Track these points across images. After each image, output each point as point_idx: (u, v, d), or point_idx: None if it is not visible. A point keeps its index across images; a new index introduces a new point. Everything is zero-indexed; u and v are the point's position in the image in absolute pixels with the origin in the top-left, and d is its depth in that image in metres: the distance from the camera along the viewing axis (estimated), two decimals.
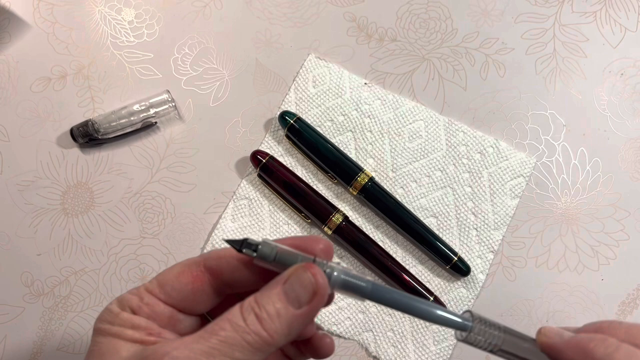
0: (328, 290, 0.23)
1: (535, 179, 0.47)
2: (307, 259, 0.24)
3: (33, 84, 0.48)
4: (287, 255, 0.24)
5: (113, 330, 0.23)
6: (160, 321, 0.24)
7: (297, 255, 0.24)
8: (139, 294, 0.24)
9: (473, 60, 0.49)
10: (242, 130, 0.48)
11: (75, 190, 0.47)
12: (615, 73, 0.49)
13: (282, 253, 0.24)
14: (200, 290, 0.25)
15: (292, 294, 0.22)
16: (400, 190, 0.47)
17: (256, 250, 0.24)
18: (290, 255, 0.24)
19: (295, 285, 0.22)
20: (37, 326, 0.45)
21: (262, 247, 0.24)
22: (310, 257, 0.24)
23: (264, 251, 0.24)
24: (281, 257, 0.24)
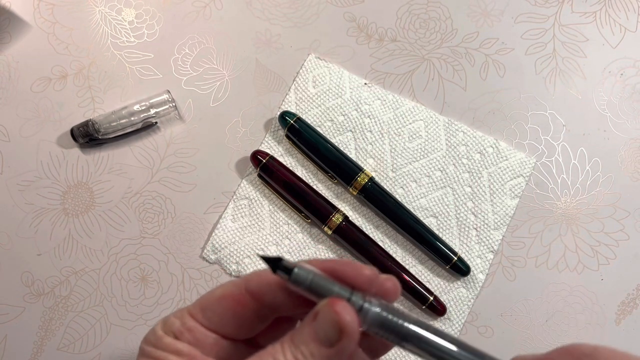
0: (357, 329, 0.21)
1: (535, 179, 0.47)
2: (343, 291, 0.22)
3: (33, 84, 0.48)
4: (323, 284, 0.22)
5: (156, 355, 0.22)
6: (204, 348, 0.23)
7: (333, 285, 0.22)
8: (182, 317, 0.23)
9: (473, 60, 0.49)
10: (242, 130, 0.48)
11: (76, 190, 0.47)
12: (615, 73, 0.49)
13: (317, 280, 0.22)
14: (243, 314, 0.23)
15: (321, 333, 0.21)
16: (400, 190, 0.47)
17: (290, 273, 0.22)
18: (325, 283, 0.22)
19: (323, 323, 0.21)
20: (37, 326, 0.45)
21: (297, 271, 0.22)
22: (347, 289, 0.22)
23: (299, 276, 0.22)
24: (316, 285, 0.22)
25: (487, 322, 0.45)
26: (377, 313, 0.21)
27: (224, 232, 0.46)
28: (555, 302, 0.46)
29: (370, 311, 0.21)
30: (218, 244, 0.46)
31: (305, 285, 0.22)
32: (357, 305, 0.21)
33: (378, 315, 0.21)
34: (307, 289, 0.22)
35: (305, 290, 0.22)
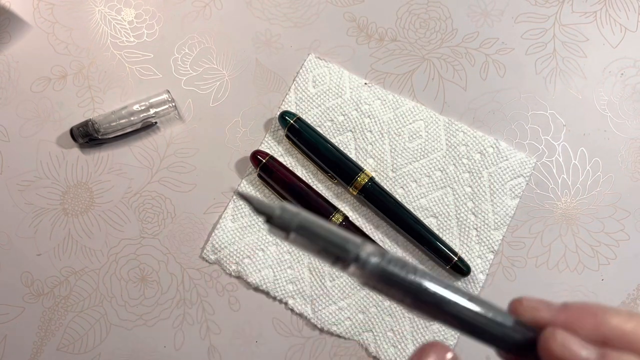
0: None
1: (535, 179, 0.47)
2: (355, 242, 0.19)
3: (33, 84, 0.48)
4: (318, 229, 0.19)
5: None
6: None
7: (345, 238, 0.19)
8: None
9: (473, 60, 0.49)
10: (242, 130, 0.48)
11: (75, 190, 0.47)
12: (615, 73, 0.49)
13: (309, 224, 0.19)
14: None
15: None
16: (400, 190, 0.47)
17: (270, 218, 0.19)
18: (317, 226, 0.19)
19: None
20: (37, 326, 0.45)
21: (282, 213, 0.19)
22: (357, 240, 0.20)
23: (282, 219, 0.19)
24: (307, 230, 0.19)
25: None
26: (376, 264, 0.19)
27: (224, 232, 0.46)
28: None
29: (368, 262, 0.19)
30: (218, 244, 0.46)
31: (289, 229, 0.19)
32: (352, 255, 0.19)
33: (377, 267, 0.19)
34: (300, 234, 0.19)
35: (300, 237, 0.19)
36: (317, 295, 0.45)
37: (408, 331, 0.45)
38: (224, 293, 0.45)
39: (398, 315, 0.45)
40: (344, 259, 0.19)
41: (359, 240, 0.20)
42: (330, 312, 0.45)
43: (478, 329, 0.20)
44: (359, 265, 0.19)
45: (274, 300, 0.46)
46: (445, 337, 0.45)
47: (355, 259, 0.19)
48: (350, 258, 0.19)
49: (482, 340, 0.20)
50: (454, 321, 0.20)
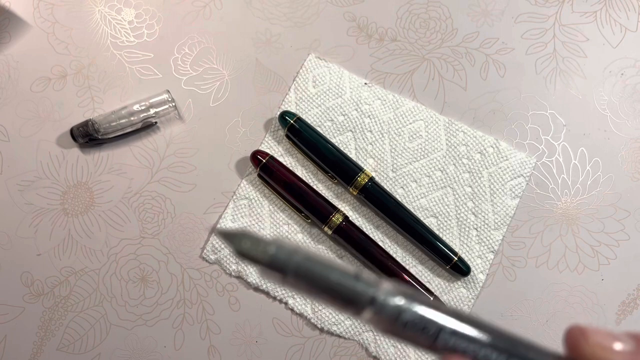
0: None
1: (536, 179, 0.47)
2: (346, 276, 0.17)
3: (33, 84, 0.48)
4: (314, 268, 0.17)
5: None
6: None
7: (329, 270, 0.17)
8: None
9: (473, 60, 0.49)
10: (242, 130, 0.48)
11: (75, 190, 0.47)
12: (615, 73, 0.49)
13: (306, 264, 0.17)
14: None
15: None
16: (400, 190, 0.47)
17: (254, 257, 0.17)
18: (319, 267, 0.17)
19: None
20: (37, 326, 0.45)
21: (276, 251, 0.17)
22: (350, 270, 0.17)
23: (279, 258, 0.16)
24: (304, 270, 0.16)
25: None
26: (396, 307, 0.17)
27: None
28: (555, 302, 0.46)
29: (386, 306, 0.17)
30: (218, 244, 0.46)
31: (289, 270, 0.17)
32: (366, 297, 0.17)
33: (398, 310, 0.17)
34: (294, 275, 0.17)
35: (292, 276, 0.17)
36: None
37: None
38: (224, 293, 0.45)
39: None
40: (355, 303, 0.17)
41: (372, 278, 0.17)
42: (330, 312, 0.45)
43: None
44: (375, 309, 0.17)
45: (274, 300, 0.46)
46: None
47: (371, 302, 0.17)
48: (364, 301, 0.17)
49: None
50: None
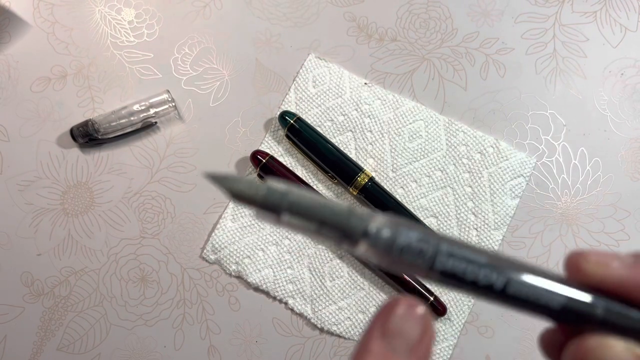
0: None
1: (536, 179, 0.47)
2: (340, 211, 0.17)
3: (33, 84, 0.48)
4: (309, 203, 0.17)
5: None
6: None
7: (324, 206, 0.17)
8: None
9: (473, 60, 0.49)
10: (242, 130, 0.48)
11: (75, 190, 0.47)
12: (615, 73, 0.49)
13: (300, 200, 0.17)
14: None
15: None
16: (400, 190, 0.47)
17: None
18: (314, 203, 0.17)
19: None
20: (37, 326, 0.45)
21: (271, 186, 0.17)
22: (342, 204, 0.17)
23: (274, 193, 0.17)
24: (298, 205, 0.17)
25: (487, 323, 0.45)
26: (390, 238, 0.17)
27: (224, 232, 0.46)
28: None
29: (380, 238, 0.17)
30: (218, 244, 0.46)
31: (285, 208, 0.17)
32: (359, 230, 0.17)
33: (392, 241, 0.17)
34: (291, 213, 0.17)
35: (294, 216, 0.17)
36: (317, 295, 0.45)
37: None
38: (224, 293, 0.45)
39: None
40: (350, 236, 0.17)
41: (366, 212, 0.17)
42: (330, 312, 0.45)
43: (523, 301, 0.17)
44: (369, 241, 0.17)
45: (274, 300, 0.46)
46: (445, 337, 0.45)
47: (364, 234, 0.17)
48: (357, 234, 0.17)
49: (528, 312, 0.18)
50: (492, 297, 0.17)
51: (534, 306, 0.17)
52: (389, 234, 0.17)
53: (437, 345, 0.45)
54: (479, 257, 0.17)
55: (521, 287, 0.17)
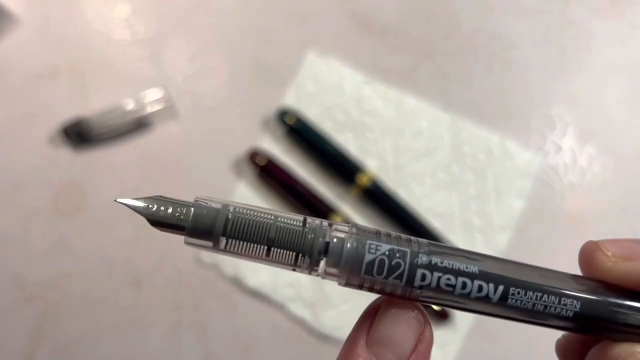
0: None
1: (542, 180, 0.47)
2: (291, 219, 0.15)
3: (25, 82, 0.47)
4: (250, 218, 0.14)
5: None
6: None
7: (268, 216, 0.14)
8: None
9: (477, 57, 0.48)
10: (240, 129, 0.47)
11: (68, 191, 0.46)
12: (623, 71, 0.48)
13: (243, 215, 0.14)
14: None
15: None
16: (402, 190, 0.46)
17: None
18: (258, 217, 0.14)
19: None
20: (30, 330, 0.44)
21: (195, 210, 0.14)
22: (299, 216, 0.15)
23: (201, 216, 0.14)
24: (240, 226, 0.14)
25: (492, 327, 0.45)
26: (354, 250, 0.14)
27: None
28: None
29: (344, 250, 0.14)
30: None
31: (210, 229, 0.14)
32: (317, 246, 0.14)
33: (357, 253, 0.14)
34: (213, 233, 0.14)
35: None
36: (317, 299, 0.45)
37: None
38: (221, 297, 0.45)
39: None
40: (307, 255, 0.15)
41: (324, 223, 0.15)
42: (330, 316, 0.45)
43: (528, 312, 0.15)
44: (332, 259, 0.14)
45: (272, 304, 0.45)
46: (448, 342, 0.44)
47: (325, 251, 0.14)
48: (315, 251, 0.14)
49: (536, 323, 0.16)
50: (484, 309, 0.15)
51: (542, 316, 0.15)
52: (354, 246, 0.14)
53: (440, 351, 0.44)
54: (468, 267, 0.15)
55: (523, 297, 0.15)
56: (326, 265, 0.15)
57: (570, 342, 0.17)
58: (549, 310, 0.15)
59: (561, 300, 0.15)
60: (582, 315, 0.15)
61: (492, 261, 0.15)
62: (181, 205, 0.15)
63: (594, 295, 0.15)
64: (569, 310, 0.15)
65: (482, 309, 0.15)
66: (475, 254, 0.15)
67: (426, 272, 0.14)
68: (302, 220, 0.15)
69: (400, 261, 0.14)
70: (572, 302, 0.15)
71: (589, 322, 0.15)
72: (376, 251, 0.14)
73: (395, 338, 0.15)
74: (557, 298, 0.15)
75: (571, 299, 0.15)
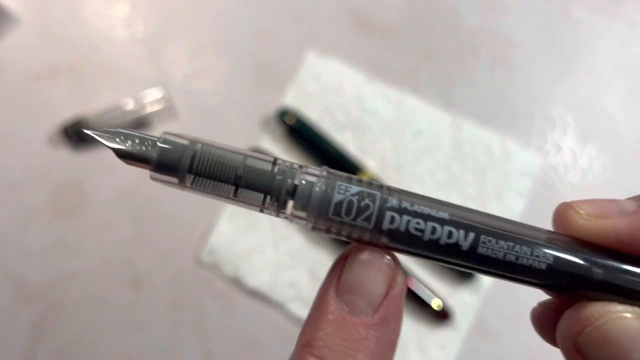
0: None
1: (542, 179, 0.46)
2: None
3: (24, 81, 0.47)
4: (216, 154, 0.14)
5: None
6: None
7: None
8: None
9: (479, 56, 0.48)
10: (239, 128, 0.47)
11: (67, 191, 0.46)
12: (625, 71, 0.48)
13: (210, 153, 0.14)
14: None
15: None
16: None
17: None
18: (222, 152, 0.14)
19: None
20: (29, 330, 0.44)
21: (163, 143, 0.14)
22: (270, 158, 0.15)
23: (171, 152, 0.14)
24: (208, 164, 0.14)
25: (492, 327, 0.44)
26: (323, 192, 0.14)
27: (221, 234, 0.45)
28: None
29: (312, 193, 0.14)
30: (215, 246, 0.45)
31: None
32: (285, 186, 0.14)
33: (327, 195, 0.14)
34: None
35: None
36: None
37: (411, 335, 0.44)
38: (221, 297, 0.45)
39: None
40: (275, 196, 0.14)
41: (293, 164, 0.14)
42: None
43: (498, 263, 0.14)
44: (300, 201, 0.14)
45: (272, 304, 0.45)
46: (448, 342, 0.44)
47: (293, 192, 0.14)
48: (284, 191, 0.14)
49: (507, 277, 0.15)
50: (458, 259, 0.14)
51: (514, 268, 0.14)
52: (323, 189, 0.14)
53: (440, 351, 0.44)
54: (439, 212, 0.14)
55: (494, 245, 0.14)
56: (294, 208, 0.14)
57: (545, 309, 0.17)
58: (520, 261, 0.14)
59: (534, 251, 0.14)
60: (555, 269, 0.14)
61: (465, 210, 0.15)
62: (148, 139, 0.15)
63: (567, 248, 0.15)
64: (541, 263, 0.14)
65: (452, 258, 0.14)
66: (450, 204, 0.15)
67: (395, 214, 0.14)
68: (272, 160, 0.15)
69: (370, 203, 0.14)
70: (544, 254, 0.14)
71: (562, 277, 0.14)
72: (345, 192, 0.14)
73: (365, 284, 0.14)
74: (530, 249, 0.14)
75: (544, 250, 0.14)
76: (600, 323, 0.14)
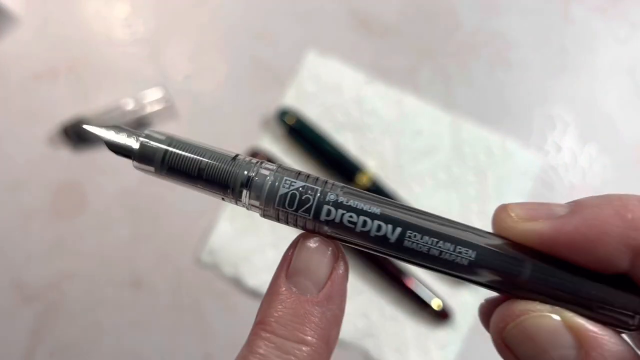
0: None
1: (542, 180, 0.46)
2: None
3: (24, 81, 0.47)
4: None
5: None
6: None
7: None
8: None
9: (479, 56, 0.48)
10: (240, 128, 0.47)
11: (67, 191, 0.46)
12: (624, 70, 0.48)
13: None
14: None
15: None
16: (402, 191, 0.46)
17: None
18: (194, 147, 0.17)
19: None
20: (28, 331, 0.44)
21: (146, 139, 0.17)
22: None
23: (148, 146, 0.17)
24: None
25: None
26: (272, 183, 0.17)
27: (221, 234, 0.45)
28: None
29: (265, 184, 0.17)
30: (215, 247, 0.45)
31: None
32: (241, 177, 0.17)
33: (275, 186, 0.17)
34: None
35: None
36: None
37: (411, 336, 0.44)
38: (221, 297, 0.45)
39: (401, 319, 0.44)
40: (232, 186, 0.17)
41: (250, 160, 0.17)
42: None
43: (424, 256, 0.16)
44: (252, 191, 0.17)
45: None
46: (449, 342, 0.44)
47: (246, 184, 0.17)
48: (238, 183, 0.17)
49: (435, 269, 0.17)
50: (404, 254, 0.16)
51: (437, 262, 0.16)
52: (271, 182, 0.17)
53: (440, 351, 0.44)
54: (372, 208, 0.16)
55: (419, 240, 0.16)
56: (250, 198, 0.17)
57: (489, 305, 0.18)
58: (443, 256, 0.16)
59: (456, 248, 0.16)
60: (477, 265, 0.16)
61: (398, 208, 0.17)
62: (134, 134, 0.18)
63: (492, 247, 0.16)
64: (463, 259, 0.16)
65: (381, 249, 0.16)
66: (387, 200, 0.17)
67: (332, 208, 0.16)
68: (232, 156, 0.17)
69: (310, 197, 0.17)
70: (467, 251, 0.16)
71: (486, 274, 0.16)
72: (290, 186, 0.17)
73: (311, 267, 0.17)
74: (453, 246, 0.16)
75: (467, 248, 0.16)
76: (520, 320, 0.15)
